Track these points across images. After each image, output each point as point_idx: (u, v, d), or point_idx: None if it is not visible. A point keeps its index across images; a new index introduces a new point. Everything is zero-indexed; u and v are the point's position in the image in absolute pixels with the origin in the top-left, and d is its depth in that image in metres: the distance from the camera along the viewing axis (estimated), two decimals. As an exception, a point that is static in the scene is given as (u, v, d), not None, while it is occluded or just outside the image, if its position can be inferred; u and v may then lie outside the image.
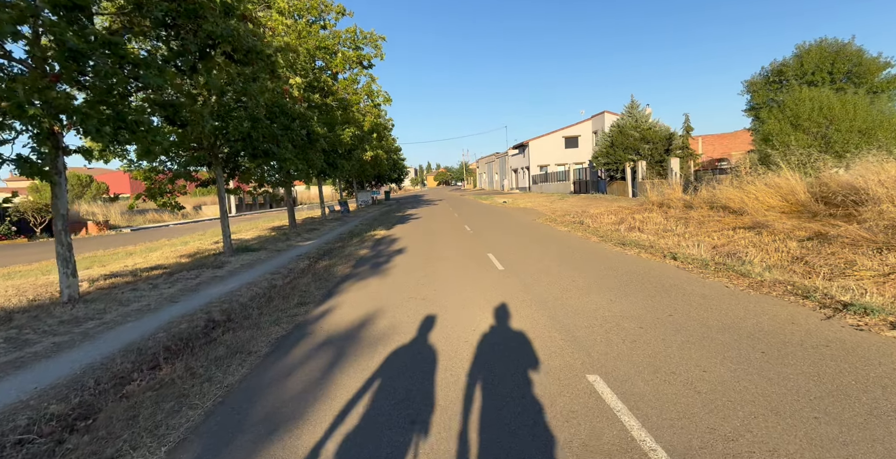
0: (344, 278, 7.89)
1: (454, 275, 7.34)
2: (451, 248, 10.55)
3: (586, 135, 47.81)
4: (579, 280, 6.43)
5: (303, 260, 10.65)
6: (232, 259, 11.36)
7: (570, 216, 16.46)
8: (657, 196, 16.65)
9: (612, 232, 11.47)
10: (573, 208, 21.17)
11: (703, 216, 12.57)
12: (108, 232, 24.40)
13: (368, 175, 34.07)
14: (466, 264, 8.29)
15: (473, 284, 6.63)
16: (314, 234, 17.28)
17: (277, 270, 9.49)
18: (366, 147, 21.21)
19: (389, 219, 22.15)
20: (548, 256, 8.51)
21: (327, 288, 7.11)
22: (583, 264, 7.55)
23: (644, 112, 29.66)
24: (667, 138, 27.92)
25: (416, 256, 9.69)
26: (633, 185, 28.30)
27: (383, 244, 12.46)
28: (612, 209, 17.44)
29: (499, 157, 66.53)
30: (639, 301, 5.18)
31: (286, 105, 12.64)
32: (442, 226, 16.71)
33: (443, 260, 8.97)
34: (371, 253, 10.68)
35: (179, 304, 6.86)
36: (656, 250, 8.23)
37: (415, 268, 8.26)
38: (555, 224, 14.81)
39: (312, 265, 9.88)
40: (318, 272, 8.81)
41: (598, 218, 15.17)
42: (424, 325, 4.80)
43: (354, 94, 18.27)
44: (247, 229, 22.12)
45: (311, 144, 14.40)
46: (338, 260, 9.95)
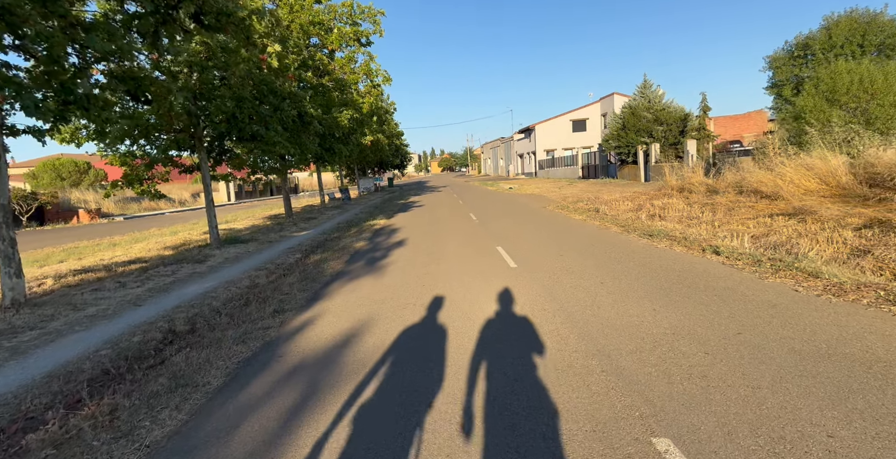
0: (334, 277, 6.90)
1: (459, 275, 6.34)
2: (456, 240, 9.54)
3: (594, 119, 46.25)
4: (609, 281, 5.41)
5: (293, 254, 9.68)
6: (217, 252, 10.41)
7: (583, 203, 15.35)
8: (676, 180, 15.49)
9: (632, 221, 10.40)
10: (584, 194, 20.03)
11: (732, 201, 11.44)
12: (100, 221, 23.55)
13: (370, 161, 32.94)
14: (473, 260, 7.27)
15: (482, 286, 5.63)
16: (311, 224, 16.30)
17: (263, 265, 8.53)
18: (365, 131, 20.06)
19: (391, 207, 21.11)
20: (566, 250, 7.47)
21: (313, 290, 6.13)
22: (608, 260, 6.51)
23: (657, 92, 28.21)
24: (681, 119, 26.55)
25: (416, 250, 8.68)
26: (646, 169, 27.05)
27: (382, 235, 11.46)
28: (627, 195, 16.31)
29: (504, 142, 65.01)
30: (690, 311, 4.16)
31: (274, 83, 11.52)
32: (446, 215, 15.67)
33: (446, 254, 7.96)
34: (368, 247, 9.68)
35: (143, 309, 5.91)
36: (691, 242, 7.16)
37: (414, 265, 7.26)
38: (567, 211, 13.73)
39: (302, 260, 8.91)
40: (307, 269, 7.83)
41: (614, 204, 14.07)
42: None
43: (352, 74, 17.08)
44: (243, 218, 21.18)
45: (304, 127, 13.31)
46: (331, 255, 8.97)
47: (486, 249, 8.12)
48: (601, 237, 8.55)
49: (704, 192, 13.95)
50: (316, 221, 17.27)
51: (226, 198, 40.46)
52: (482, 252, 7.94)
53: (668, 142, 26.48)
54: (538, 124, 49.26)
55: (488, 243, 8.80)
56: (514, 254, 7.40)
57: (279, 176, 16.87)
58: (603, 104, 44.50)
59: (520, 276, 5.92)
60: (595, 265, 6.25)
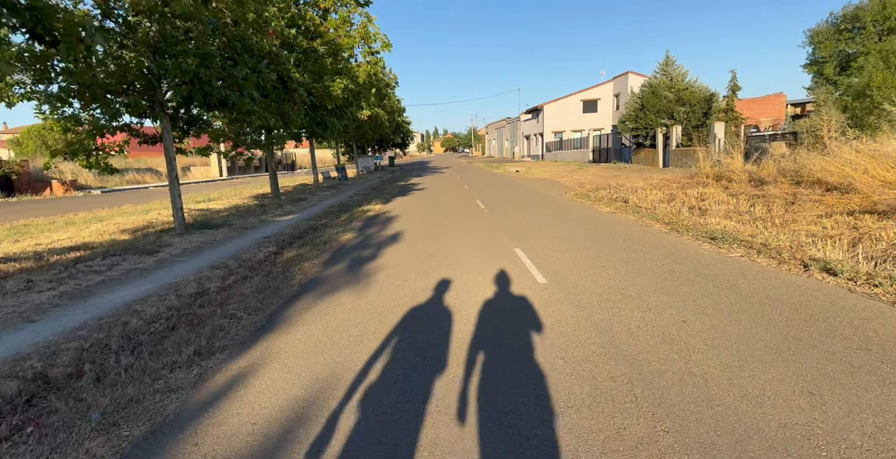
0: (305, 287, 5.23)
1: (467, 293, 4.67)
2: (462, 237, 7.85)
3: (607, 99, 43.95)
4: (694, 319, 3.72)
5: (266, 247, 8.01)
6: (177, 240, 8.73)
7: (605, 190, 13.59)
8: (711, 166, 13.70)
9: (673, 216, 8.70)
10: (601, 180, 18.23)
11: (788, 194, 9.70)
12: (75, 194, 21.82)
13: (369, 138, 30.94)
14: (485, 269, 5.59)
15: (503, 316, 3.97)
16: (298, 206, 14.58)
17: (224, 262, 6.86)
18: (362, 104, 18.12)
19: (389, 190, 19.34)
20: (606, 257, 5.79)
21: (270, 310, 4.47)
22: (673, 277, 4.83)
23: (680, 70, 26.06)
24: (706, 100, 24.53)
25: (413, 250, 6.99)
26: (665, 154, 25.16)
27: (375, 225, 9.75)
28: (653, 182, 14.52)
29: (510, 123, 62.61)
30: (872, 397, 2.51)
31: (251, 40, 9.62)
32: (449, 202, 13.92)
33: (450, 258, 6.27)
34: (356, 241, 7.99)
35: (28, 329, 4.26)
36: (774, 250, 5.46)
37: (409, 274, 5.58)
38: (589, 201, 11.99)
39: (274, 256, 7.23)
40: (274, 271, 6.16)
41: (641, 193, 12.33)
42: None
43: (347, 37, 15.06)
44: (228, 196, 19.44)
45: (288, 94, 11.46)
46: (309, 251, 7.28)
47: (501, 252, 6.43)
48: (646, 238, 6.84)
49: (747, 182, 12.19)
50: (305, 203, 15.54)
51: (217, 174, 38.60)
52: (496, 255, 6.26)
53: (690, 124, 24.51)
54: (546, 104, 46.95)
55: (503, 242, 7.11)
56: (540, 262, 5.72)
57: (264, 151, 15.04)
58: (616, 83, 42.15)
59: (555, 302, 4.24)
60: (658, 285, 4.56)
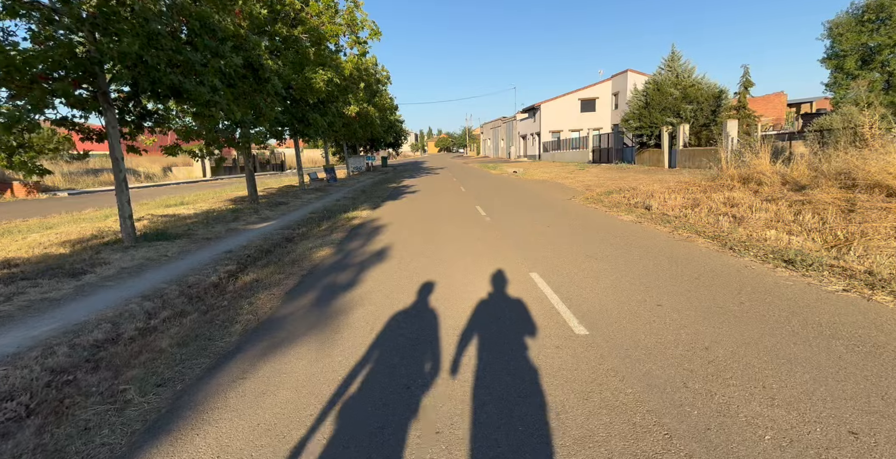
0: (249, 337, 3.76)
1: (480, 350, 3.25)
2: (463, 255, 6.41)
3: (605, 98, 42.79)
4: (872, 431, 2.33)
5: (222, 266, 6.53)
6: (118, 256, 7.22)
7: (618, 194, 12.22)
8: (735, 168, 12.36)
9: (713, 227, 7.34)
10: (608, 182, 16.88)
11: (840, 200, 8.36)
12: (38, 196, 20.16)
13: (359, 137, 29.42)
14: (498, 308, 4.15)
15: (533, 417, 2.55)
16: (276, 212, 13.08)
17: (163, 289, 5.39)
18: (349, 99, 16.63)
19: (380, 193, 17.87)
20: (656, 289, 4.37)
21: (182, 385, 2.99)
22: (766, 328, 3.41)
23: (687, 66, 24.82)
24: (715, 97, 23.29)
25: (402, 273, 5.55)
26: (671, 154, 23.90)
27: (359, 237, 8.30)
28: (669, 185, 13.17)
29: (505, 122, 61.31)
30: None
31: (211, 17, 8.13)
32: (445, 208, 12.48)
33: (449, 289, 4.84)
34: (333, 260, 6.52)
35: None
36: (890, 282, 4.07)
37: (398, 312, 4.14)
38: (603, 206, 10.60)
39: (227, 281, 5.76)
40: (219, 305, 4.69)
41: (658, 197, 10.98)
42: None
43: (331, 24, 13.58)
44: (204, 199, 17.88)
45: (260, 84, 9.96)
46: (273, 274, 5.81)
47: (513, 278, 5.00)
48: (696, 259, 5.44)
49: (780, 185, 10.87)
50: (285, 208, 14.04)
51: (201, 174, 36.92)
52: (508, 283, 4.83)
53: (698, 122, 23.27)
54: (544, 103, 45.70)
55: (513, 262, 5.68)
56: (568, 295, 4.30)
57: (238, 149, 13.53)
58: (615, 82, 40.98)
59: (612, 377, 2.80)
60: (759, 345, 3.08)
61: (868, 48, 16.03)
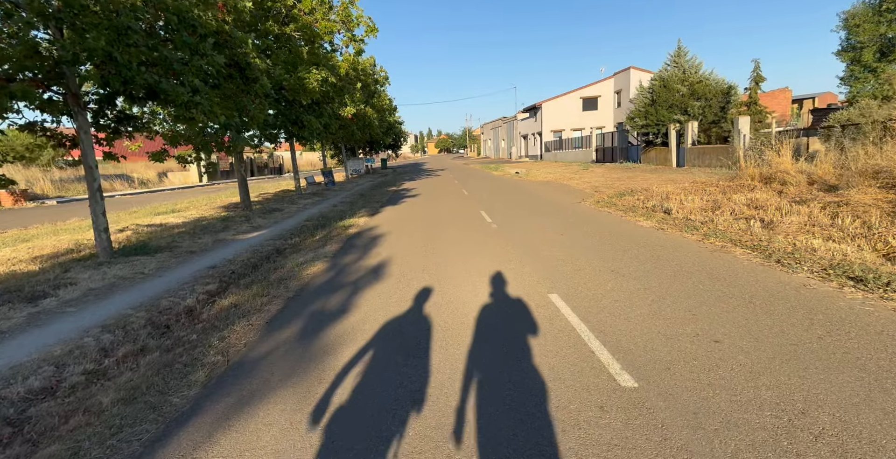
0: (213, 389, 3.03)
1: (498, 404, 2.55)
2: (469, 270, 5.72)
3: (607, 96, 42.07)
4: None
5: (201, 286, 5.85)
6: (88, 274, 6.53)
7: (630, 196, 11.50)
8: (754, 167, 11.64)
9: (745, 235, 6.62)
10: (616, 183, 16.17)
11: (882, 201, 7.65)
12: (26, 205, 19.51)
13: (357, 139, 28.75)
14: (514, 345, 3.44)
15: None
16: (269, 220, 12.39)
17: (129, 316, 4.70)
18: (345, 100, 15.95)
19: (379, 197, 17.18)
20: (706, 317, 3.64)
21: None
22: (861, 378, 2.68)
23: (694, 61, 24.10)
24: (724, 93, 22.55)
25: (402, 294, 4.85)
26: (679, 152, 23.17)
27: (355, 249, 7.60)
28: (684, 186, 12.45)
29: (506, 122, 60.63)
30: None
31: (190, 11, 7.45)
32: (447, 213, 11.78)
33: (455, 316, 4.13)
34: (325, 277, 5.81)
35: None
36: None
37: (395, 348, 3.45)
38: (617, 210, 9.89)
39: (203, 306, 5.07)
40: (187, 340, 3.99)
41: (674, 198, 10.29)
42: None
43: (325, 20, 12.90)
44: (197, 206, 17.22)
45: (247, 84, 9.28)
46: (255, 297, 5.11)
47: (530, 300, 4.29)
48: (740, 275, 4.71)
49: (807, 184, 10.16)
50: (279, 215, 13.35)
51: (197, 179, 36.24)
52: (525, 308, 4.13)
53: (706, 119, 22.54)
54: (545, 102, 45.01)
55: (528, 279, 4.98)
56: (601, 327, 3.59)
57: (228, 154, 12.85)
58: (617, 80, 40.27)
59: (677, 456, 2.11)
60: (868, 407, 2.42)
61: (887, 39, 15.31)
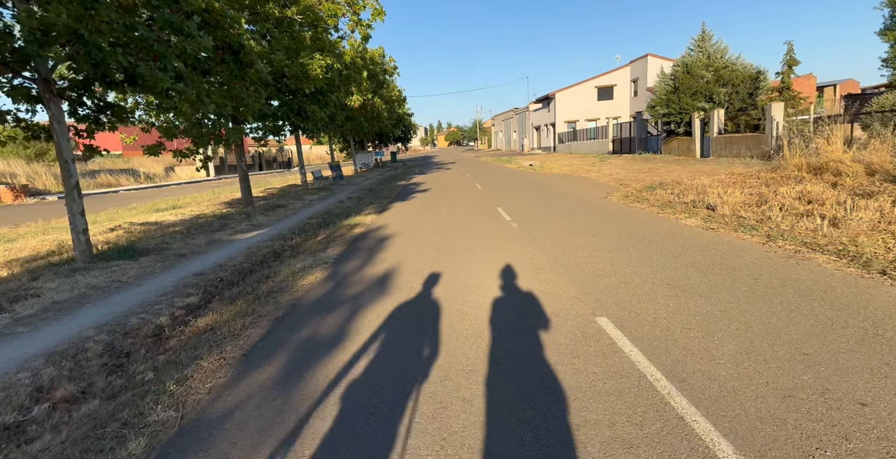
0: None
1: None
2: (493, 285, 4.83)
3: (623, 85, 40.63)
4: None
5: (181, 299, 5.07)
6: (58, 283, 5.77)
7: (662, 189, 10.49)
8: (800, 156, 10.55)
9: (816, 236, 5.64)
10: (641, 175, 15.11)
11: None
12: (25, 201, 19.00)
13: (366, 132, 27.87)
14: (565, 394, 2.58)
15: None
16: (270, 217, 11.61)
17: (87, 340, 3.92)
18: (351, 89, 15.05)
19: (388, 192, 16.32)
20: (822, 359, 2.70)
21: None
22: None
23: (719, 46, 22.75)
24: (752, 79, 21.24)
25: (414, 314, 4.00)
26: (703, 142, 21.97)
27: (359, 254, 6.75)
28: (720, 178, 11.39)
29: (517, 113, 59.29)
30: None
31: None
32: (461, 210, 10.89)
33: (484, 347, 3.29)
34: (323, 290, 4.96)
35: None
36: None
37: (401, 404, 2.60)
38: (650, 206, 8.93)
39: (174, 328, 4.26)
40: (145, 377, 3.17)
41: (711, 192, 9.30)
42: None
43: (328, 1, 11.98)
44: (198, 202, 16.55)
45: (241, 70, 8.43)
46: (237, 316, 4.28)
47: (577, 328, 3.40)
48: (844, 296, 3.70)
49: (865, 175, 9.09)
50: (282, 212, 12.57)
51: (204, 173, 35.66)
52: (575, 342, 3.25)
53: (733, 107, 21.27)
54: (558, 92, 43.67)
55: (568, 298, 4.09)
56: (679, 371, 2.68)
57: (226, 147, 12.05)
58: (634, 68, 38.85)
59: None
60: None
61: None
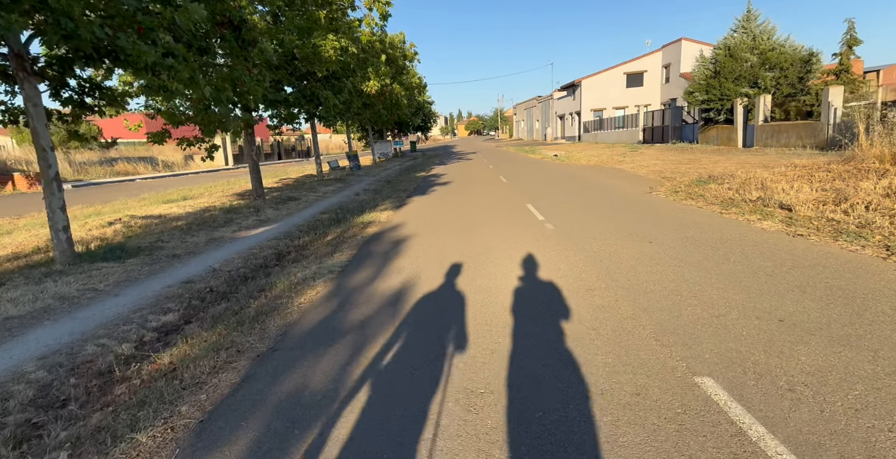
0: None
1: None
2: (534, 309, 3.84)
3: (654, 71, 38.59)
4: None
5: (157, 317, 4.23)
6: (19, 293, 4.98)
7: (716, 184, 9.25)
8: (881, 145, 9.15)
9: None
10: (681, 167, 13.78)
11: None
12: (40, 189, 18.63)
13: (385, 120, 26.86)
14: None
15: None
16: (281, 211, 10.78)
17: (11, 383, 3.07)
18: (368, 73, 14.04)
19: (406, 184, 15.37)
20: None
21: None
22: None
23: (766, 26, 20.93)
24: (803, 61, 19.45)
25: (433, 353, 3.05)
26: (746, 131, 20.35)
27: (371, 261, 5.81)
28: (780, 171, 10.04)
29: (541, 102, 57.45)
30: None
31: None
32: (486, 206, 9.86)
33: (533, 423, 2.30)
34: (324, 313, 4.03)
35: None
36: None
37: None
38: (707, 204, 7.75)
39: (129, 366, 3.38)
40: (64, 453, 2.28)
41: (772, 186, 8.06)
42: None
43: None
44: (212, 192, 15.94)
45: (243, 48, 7.51)
46: (211, 351, 3.39)
47: (677, 401, 2.39)
48: None
49: (966, 171, 7.72)
50: (293, 205, 11.73)
51: (223, 162, 35.31)
52: (679, 416, 2.25)
53: (781, 92, 19.55)
54: (584, 79, 41.85)
55: (641, 336, 3.07)
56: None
57: (234, 136, 11.21)
58: (666, 53, 36.77)
59: None
60: None
61: None
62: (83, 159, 25.01)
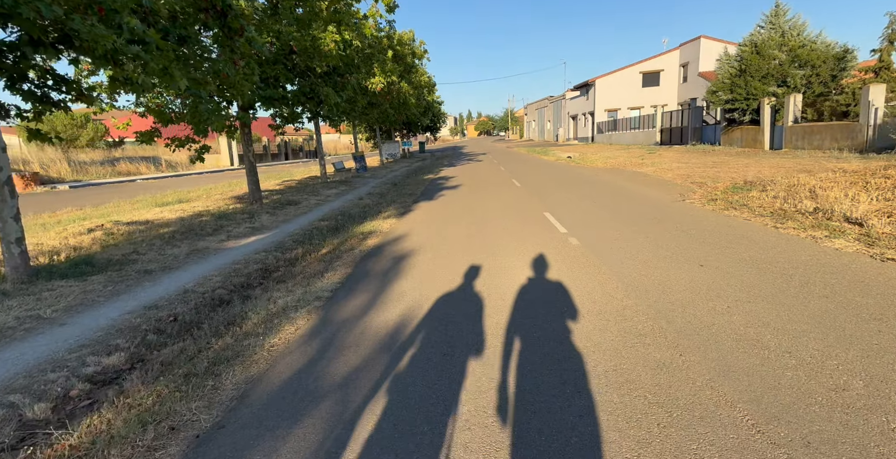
0: None
1: None
2: (569, 359, 2.95)
3: (671, 70, 37.40)
4: None
5: (98, 358, 3.40)
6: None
7: (758, 191, 8.27)
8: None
9: None
10: (708, 171, 12.77)
11: None
12: (35, 190, 18.14)
13: (393, 120, 26.06)
14: None
15: None
16: (277, 218, 9.97)
17: None
18: (373, 70, 13.21)
19: (412, 187, 14.52)
20: None
21: None
22: None
23: (797, 22, 19.78)
24: (836, 59, 18.30)
25: (440, 424, 2.18)
26: (773, 132, 19.23)
27: (368, 283, 4.95)
28: (828, 176, 8.99)
29: (552, 102, 56.34)
30: None
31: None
32: (500, 215, 8.97)
33: None
34: (297, 361, 3.17)
35: None
36: None
37: None
38: (754, 216, 6.79)
39: (26, 445, 2.53)
40: None
41: (829, 196, 7.06)
42: None
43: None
44: (210, 194, 15.20)
45: (230, 37, 6.70)
46: (144, 419, 2.55)
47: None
48: None
49: None
50: (291, 211, 10.92)
51: (228, 162, 34.73)
52: None
53: (811, 91, 18.41)
54: (598, 78, 40.74)
55: (732, 427, 2.20)
56: None
57: (228, 135, 10.44)
58: (684, 51, 35.57)
59: None
60: None
61: None
62: (86, 159, 24.49)
